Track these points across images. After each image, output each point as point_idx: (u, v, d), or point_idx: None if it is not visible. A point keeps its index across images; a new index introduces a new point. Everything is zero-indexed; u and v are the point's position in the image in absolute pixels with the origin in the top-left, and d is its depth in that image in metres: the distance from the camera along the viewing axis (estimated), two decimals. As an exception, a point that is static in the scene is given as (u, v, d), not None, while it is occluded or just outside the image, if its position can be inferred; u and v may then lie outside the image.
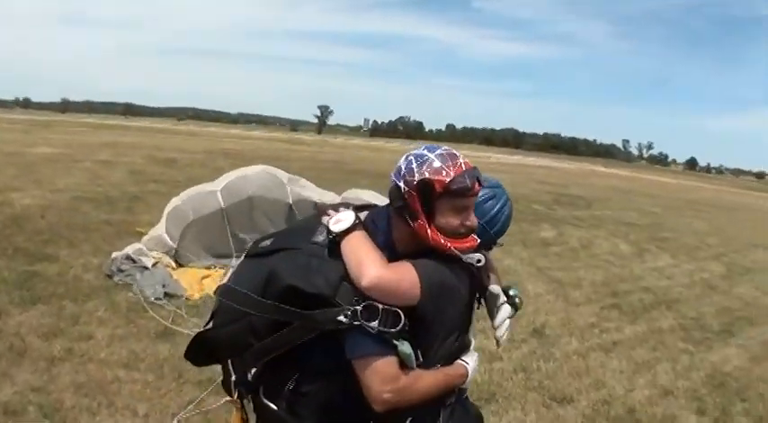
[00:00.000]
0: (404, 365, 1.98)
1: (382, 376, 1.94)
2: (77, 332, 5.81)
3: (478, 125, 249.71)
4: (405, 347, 1.97)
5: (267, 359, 2.07)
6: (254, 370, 2.13)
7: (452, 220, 2.06)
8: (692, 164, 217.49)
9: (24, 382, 4.75)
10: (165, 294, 7.06)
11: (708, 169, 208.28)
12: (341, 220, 2.08)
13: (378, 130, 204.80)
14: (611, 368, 6.48)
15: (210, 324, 2.23)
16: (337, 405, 2.07)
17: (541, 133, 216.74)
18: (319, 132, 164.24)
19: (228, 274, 2.27)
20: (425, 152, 2.07)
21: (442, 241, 2.05)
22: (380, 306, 1.93)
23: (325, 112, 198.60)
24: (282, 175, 9.21)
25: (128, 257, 7.91)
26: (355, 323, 1.92)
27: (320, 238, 2.08)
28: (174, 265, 7.97)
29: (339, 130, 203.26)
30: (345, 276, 1.97)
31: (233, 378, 2.18)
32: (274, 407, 2.10)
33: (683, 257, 13.86)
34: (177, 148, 32.03)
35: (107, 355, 5.39)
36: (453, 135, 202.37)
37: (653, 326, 8.22)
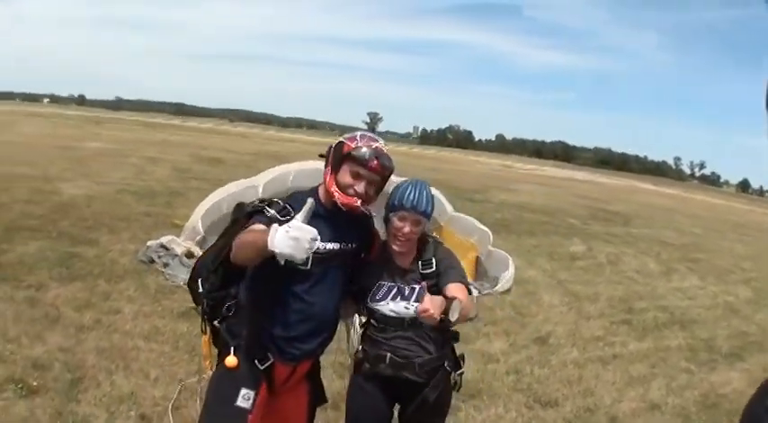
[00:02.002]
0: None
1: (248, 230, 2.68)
2: (107, 307, 6.53)
3: (529, 136, 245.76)
4: None
5: (217, 264, 2.85)
6: (207, 284, 2.88)
7: (346, 179, 2.78)
8: (744, 185, 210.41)
9: (54, 343, 5.46)
10: (192, 280, 7.65)
11: (761, 192, 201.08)
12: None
13: (427, 138, 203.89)
14: (604, 379, 6.53)
15: None
16: (261, 329, 2.85)
17: (591, 147, 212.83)
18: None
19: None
20: (360, 132, 2.88)
21: (332, 189, 2.79)
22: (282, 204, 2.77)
23: (374, 118, 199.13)
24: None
25: (161, 246, 8.56)
26: (258, 206, 2.80)
27: None
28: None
29: (389, 136, 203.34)
30: None
31: (200, 291, 2.91)
32: (218, 325, 2.89)
33: (711, 279, 13.76)
34: (224, 149, 33.06)
35: (131, 327, 6.08)
36: (503, 146, 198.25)
37: (660, 344, 8.28)
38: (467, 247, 9.06)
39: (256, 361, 2.83)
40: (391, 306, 3.04)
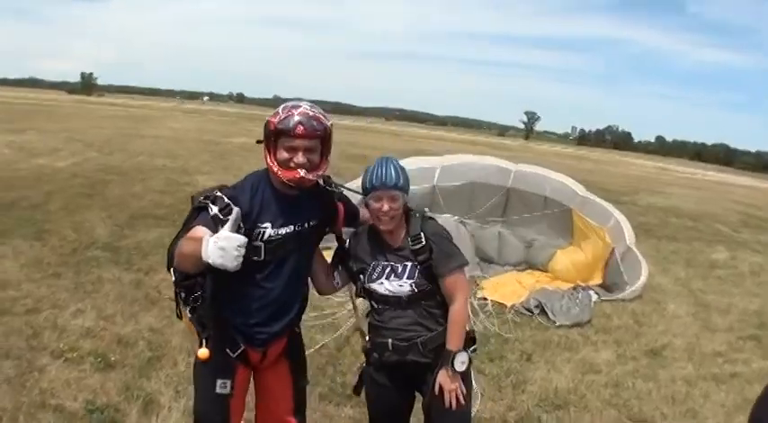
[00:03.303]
0: None
1: (189, 235, 2.67)
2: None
3: (689, 138, 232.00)
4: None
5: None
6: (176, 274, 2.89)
7: (282, 155, 2.76)
8: None
9: (146, 323, 5.80)
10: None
11: None
12: None
13: (585, 139, 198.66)
14: (713, 400, 5.86)
15: None
16: (226, 318, 2.92)
17: (754, 151, 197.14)
18: (526, 138, 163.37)
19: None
20: (284, 104, 2.83)
21: (275, 169, 2.78)
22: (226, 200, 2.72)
23: (532, 118, 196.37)
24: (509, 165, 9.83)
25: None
26: (203, 202, 2.75)
27: None
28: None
29: (546, 137, 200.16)
30: None
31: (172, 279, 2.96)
32: (189, 314, 2.92)
33: None
34: (371, 146, 33.71)
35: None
36: (663, 147, 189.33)
37: (788, 366, 7.32)
38: (599, 234, 8.75)
39: (228, 349, 2.93)
40: (386, 285, 3.06)
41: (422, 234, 3.03)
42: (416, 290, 3.01)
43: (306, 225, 2.94)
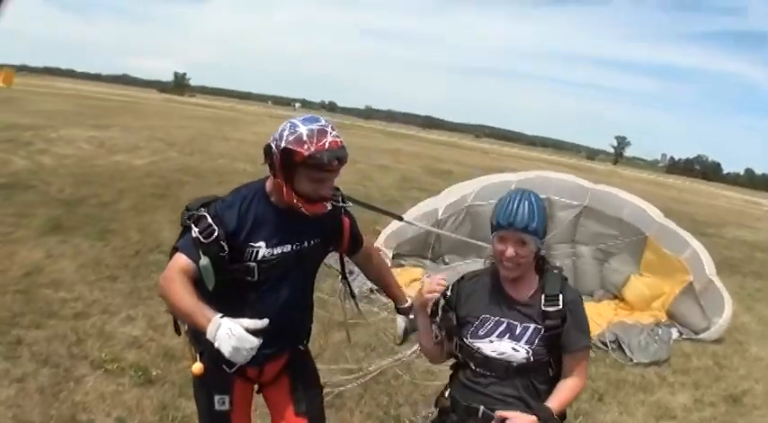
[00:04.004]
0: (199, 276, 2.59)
1: (172, 265, 2.59)
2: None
3: None
4: (204, 261, 2.56)
5: None
6: None
7: (306, 187, 2.56)
8: None
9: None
10: (370, 290, 7.45)
11: None
12: None
13: (674, 167, 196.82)
14: None
15: None
16: None
17: None
18: (615, 163, 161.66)
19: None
20: (299, 123, 2.58)
21: (295, 201, 2.61)
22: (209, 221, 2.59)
23: (622, 142, 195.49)
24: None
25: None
26: (186, 223, 2.66)
27: None
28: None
29: (635, 162, 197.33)
30: None
31: None
32: (184, 329, 2.85)
33: None
34: (458, 162, 33.46)
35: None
36: (752, 181, 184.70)
37: None
38: (676, 265, 8.23)
39: (224, 366, 2.73)
40: (496, 345, 2.59)
41: (560, 296, 2.58)
42: (533, 358, 2.56)
43: (306, 244, 2.79)
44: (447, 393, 2.78)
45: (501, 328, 2.59)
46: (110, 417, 4.20)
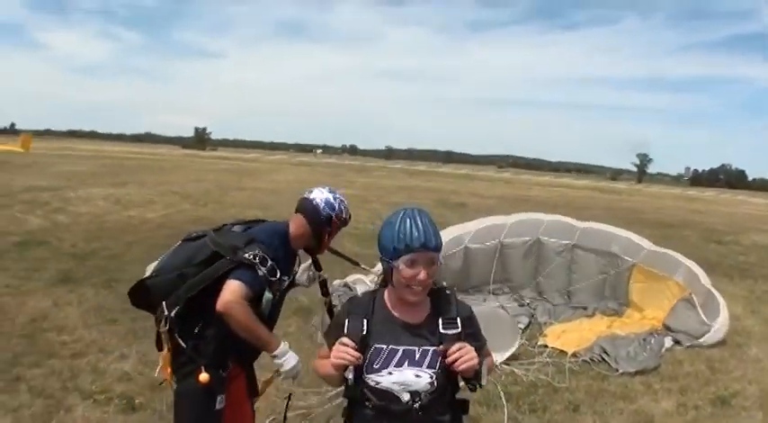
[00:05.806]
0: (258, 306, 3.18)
1: (239, 293, 3.08)
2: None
3: None
4: (268, 294, 3.22)
5: (191, 294, 3.19)
6: (176, 308, 3.21)
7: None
8: None
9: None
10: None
11: None
12: None
13: (698, 179, 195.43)
14: None
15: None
16: (226, 347, 3.25)
17: None
18: (639, 181, 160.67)
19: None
20: (342, 201, 3.61)
21: (326, 252, 3.75)
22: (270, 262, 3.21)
23: (644, 160, 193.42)
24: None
25: (345, 284, 9.03)
26: (253, 262, 3.16)
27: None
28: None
29: (659, 178, 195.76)
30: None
31: (165, 313, 3.21)
32: (184, 344, 3.23)
33: None
34: (473, 193, 33.70)
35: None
36: None
37: None
38: (670, 286, 8.49)
39: (221, 371, 3.32)
40: (395, 377, 2.39)
41: (458, 319, 2.43)
42: (436, 384, 2.39)
43: (294, 273, 3.63)
44: None
45: (398, 356, 2.39)
46: (94, 440, 4.62)
